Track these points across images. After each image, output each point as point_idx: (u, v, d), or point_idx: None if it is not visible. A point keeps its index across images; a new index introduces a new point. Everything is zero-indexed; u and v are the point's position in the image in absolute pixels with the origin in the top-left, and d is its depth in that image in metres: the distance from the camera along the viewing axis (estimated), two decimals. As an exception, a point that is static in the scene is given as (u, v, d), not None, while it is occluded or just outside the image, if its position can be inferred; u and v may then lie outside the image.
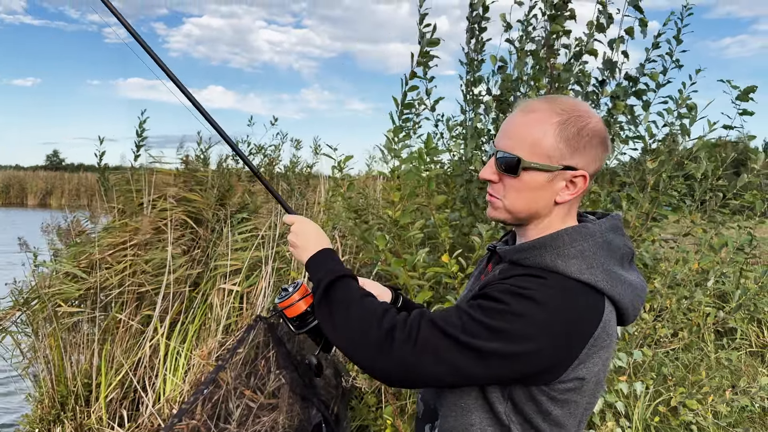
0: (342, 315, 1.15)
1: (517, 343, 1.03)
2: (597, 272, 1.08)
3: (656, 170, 3.35)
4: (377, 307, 1.14)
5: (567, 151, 1.12)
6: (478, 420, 1.13)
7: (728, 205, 3.82)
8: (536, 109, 1.15)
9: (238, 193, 4.84)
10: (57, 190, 30.00)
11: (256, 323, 3.56)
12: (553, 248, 1.11)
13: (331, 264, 1.27)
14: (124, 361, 3.82)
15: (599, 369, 1.12)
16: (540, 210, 1.16)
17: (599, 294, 1.09)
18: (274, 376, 3.53)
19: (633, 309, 1.14)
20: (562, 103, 1.15)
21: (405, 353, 1.05)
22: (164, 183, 4.51)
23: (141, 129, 5.01)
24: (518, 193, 1.15)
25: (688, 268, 3.93)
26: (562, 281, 1.08)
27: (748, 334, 5.62)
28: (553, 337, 1.04)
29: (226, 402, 3.41)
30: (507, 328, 1.03)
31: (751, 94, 3.16)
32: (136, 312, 4.00)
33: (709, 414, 3.76)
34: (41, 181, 30.78)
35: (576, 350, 1.07)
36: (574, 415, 1.13)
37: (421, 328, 1.06)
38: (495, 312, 1.05)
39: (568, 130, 1.12)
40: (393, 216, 2.94)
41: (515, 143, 1.14)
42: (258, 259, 4.17)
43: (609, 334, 1.11)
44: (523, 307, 1.04)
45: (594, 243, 1.12)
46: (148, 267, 3.98)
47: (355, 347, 1.12)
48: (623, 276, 1.13)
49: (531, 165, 1.12)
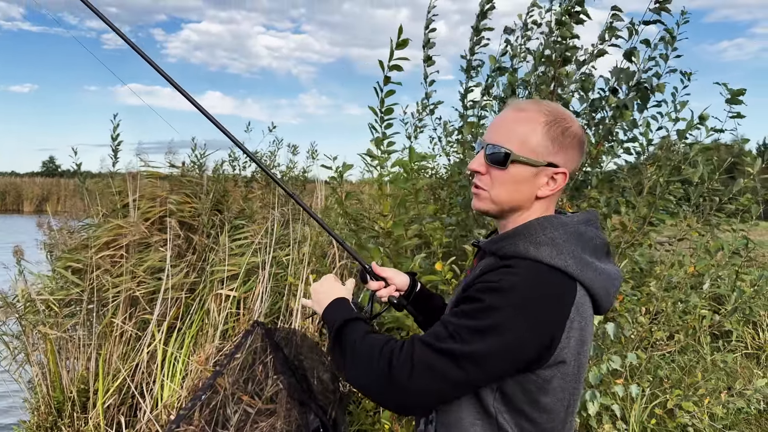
0: (350, 354, 1.22)
1: (502, 335, 1.07)
2: (567, 258, 1.14)
3: (654, 175, 3.38)
4: (376, 341, 1.18)
5: (552, 149, 1.21)
6: (468, 413, 1.18)
7: (723, 208, 3.85)
8: (525, 109, 1.24)
9: (235, 199, 4.84)
10: (53, 196, 29.89)
11: (254, 328, 3.57)
12: (525, 236, 1.18)
13: (341, 311, 1.35)
14: (121, 367, 3.81)
15: (578, 352, 1.17)
16: (522, 203, 1.24)
17: (571, 279, 1.15)
18: (272, 381, 3.53)
19: (606, 295, 1.20)
20: (549, 106, 1.24)
21: (405, 380, 1.09)
22: (152, 185, 4.51)
23: (116, 134, 4.97)
24: (504, 185, 1.23)
25: (683, 271, 3.95)
26: (533, 267, 1.14)
27: (744, 337, 5.64)
28: (533, 321, 1.09)
29: (224, 407, 3.41)
30: (489, 324, 1.08)
31: (742, 96, 3.19)
32: (132, 317, 3.99)
33: (705, 416, 3.77)
34: (37, 188, 30.71)
35: (556, 331, 1.12)
36: (561, 402, 1.17)
37: (415, 351, 1.11)
38: (475, 312, 1.10)
39: (554, 130, 1.21)
40: (385, 227, 2.94)
41: (505, 138, 1.22)
42: (255, 264, 4.18)
43: (584, 317, 1.16)
44: (497, 298, 1.09)
45: (565, 232, 1.18)
46: (140, 270, 3.98)
47: (368, 387, 1.17)
48: (595, 263, 1.19)
49: (519, 158, 1.20)
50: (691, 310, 4.10)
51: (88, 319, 3.95)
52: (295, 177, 7.19)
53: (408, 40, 2.75)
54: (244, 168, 6.62)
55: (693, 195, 3.62)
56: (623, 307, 3.48)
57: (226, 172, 6.08)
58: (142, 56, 1.50)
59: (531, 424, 1.16)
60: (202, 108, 1.57)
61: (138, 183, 4.29)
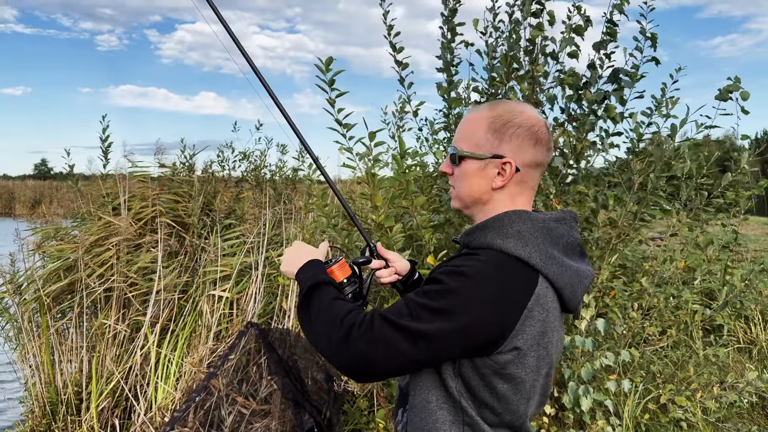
0: (314, 317, 1.27)
1: (457, 318, 1.12)
2: (531, 251, 1.19)
3: (643, 171, 3.39)
4: (341, 309, 1.23)
5: (495, 142, 1.28)
6: (435, 398, 1.23)
7: (712, 203, 3.87)
8: (479, 110, 1.33)
9: (225, 199, 4.83)
10: (45, 198, 29.75)
11: (247, 329, 3.57)
12: (494, 228, 1.24)
13: (312, 272, 1.39)
14: (115, 370, 3.80)
15: (537, 343, 1.19)
16: (481, 196, 1.31)
17: (534, 271, 1.18)
18: (266, 382, 3.54)
19: (572, 292, 1.23)
20: (502, 105, 1.31)
21: (360, 348, 1.14)
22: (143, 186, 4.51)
23: (105, 136, 4.96)
24: (461, 181, 1.32)
25: (674, 267, 3.97)
26: (497, 256, 1.19)
27: (736, 331, 5.67)
28: (488, 306, 1.13)
29: (218, 409, 3.40)
30: (446, 306, 1.12)
31: (738, 93, 3.19)
32: (124, 318, 3.98)
33: (698, 410, 3.80)
34: (30, 191, 30.54)
35: (511, 318, 1.15)
36: (520, 392, 1.20)
37: (374, 324, 1.15)
38: (434, 293, 1.15)
39: (496, 123, 1.28)
40: (377, 220, 2.95)
41: (458, 138, 1.33)
42: (247, 264, 4.17)
43: (546, 309, 1.19)
44: (458, 282, 1.14)
45: (533, 226, 1.23)
46: (131, 272, 3.97)
47: (322, 348, 1.23)
48: (562, 259, 1.23)
49: (464, 153, 1.30)
50: (683, 305, 4.12)
51: (80, 320, 3.94)
52: (285, 178, 7.19)
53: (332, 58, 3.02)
54: (234, 168, 6.61)
55: (683, 190, 3.64)
56: (614, 302, 3.50)
57: (215, 172, 6.07)
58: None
59: (490, 411, 1.20)
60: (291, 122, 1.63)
61: (127, 184, 4.28)
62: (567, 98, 3.37)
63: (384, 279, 1.65)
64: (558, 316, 1.25)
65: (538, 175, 1.33)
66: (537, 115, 1.31)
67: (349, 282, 1.51)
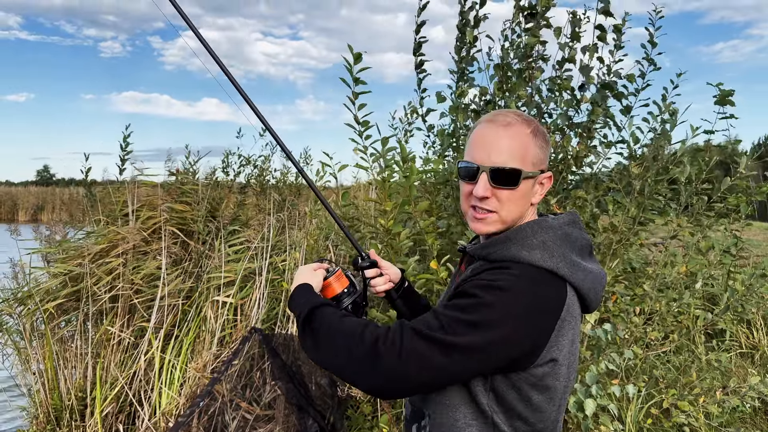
0: (324, 340, 1.20)
1: (493, 331, 1.09)
2: (558, 260, 1.18)
3: (641, 175, 3.41)
4: (357, 324, 1.18)
5: (542, 157, 1.26)
6: (462, 415, 1.19)
7: (714, 208, 3.88)
8: (510, 123, 1.23)
9: (230, 205, 4.86)
10: (48, 205, 29.85)
11: (251, 335, 3.58)
12: (517, 240, 1.21)
13: (306, 297, 1.33)
14: (119, 375, 3.82)
15: (569, 351, 1.20)
16: (523, 214, 1.27)
17: (561, 280, 1.18)
18: (270, 387, 3.55)
19: (594, 294, 1.24)
20: (522, 115, 1.27)
21: (391, 364, 1.09)
22: (149, 195, 4.53)
23: (125, 143, 5.01)
24: (515, 202, 1.24)
25: (676, 271, 3.98)
26: (527, 269, 1.16)
27: (738, 336, 5.67)
28: (525, 320, 1.12)
29: (222, 414, 3.42)
30: (482, 319, 1.10)
31: (731, 97, 3.22)
32: (128, 324, 4.00)
33: (700, 415, 3.80)
34: (32, 197, 30.62)
35: (547, 331, 1.15)
36: (553, 401, 1.20)
37: (404, 337, 1.10)
38: (469, 306, 1.12)
39: (539, 138, 1.25)
40: (386, 225, 2.97)
41: (508, 157, 1.21)
42: (251, 270, 4.19)
43: (574, 317, 1.20)
44: (494, 296, 1.11)
45: (554, 235, 1.21)
46: (137, 278, 3.99)
47: (343, 367, 1.16)
48: (582, 264, 1.22)
49: (528, 175, 1.23)
50: (685, 309, 4.13)
51: (85, 327, 3.96)
52: (290, 184, 7.22)
53: (361, 54, 2.88)
54: (238, 174, 6.64)
55: (683, 195, 3.66)
56: (617, 307, 3.51)
57: (219, 178, 6.11)
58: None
59: (523, 422, 1.18)
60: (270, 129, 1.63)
61: (135, 192, 4.31)
62: (565, 103, 3.39)
63: (379, 287, 1.58)
64: (581, 321, 1.26)
65: None
66: None
67: (348, 293, 1.46)
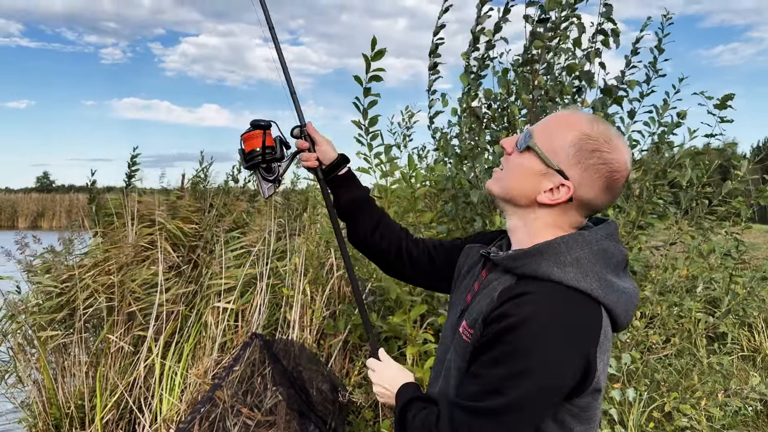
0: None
1: (539, 376, 1.02)
2: (592, 281, 1.08)
3: (640, 179, 3.42)
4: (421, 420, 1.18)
5: (571, 158, 1.13)
6: None
7: (715, 211, 3.89)
8: (578, 115, 1.18)
9: (235, 212, 4.86)
10: (48, 211, 29.89)
11: (252, 340, 3.58)
12: (548, 256, 1.10)
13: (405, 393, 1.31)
14: (119, 382, 3.81)
15: (603, 372, 1.13)
16: (521, 197, 1.19)
17: (595, 302, 1.08)
18: (271, 392, 3.54)
19: (626, 315, 1.14)
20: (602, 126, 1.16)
21: None
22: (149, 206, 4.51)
23: (134, 155, 4.92)
24: (514, 170, 1.19)
25: (677, 275, 3.98)
26: (556, 292, 1.06)
27: (740, 339, 5.66)
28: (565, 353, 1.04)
29: (223, 420, 3.41)
30: (524, 368, 1.02)
31: (730, 101, 3.23)
32: (128, 332, 3.99)
33: (702, 418, 3.79)
34: (32, 204, 30.65)
35: (590, 359, 1.06)
36: (592, 428, 1.14)
37: (455, 419, 1.07)
38: (505, 357, 1.03)
39: (586, 144, 1.13)
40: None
41: (540, 129, 1.18)
42: (252, 276, 4.19)
43: (608, 339, 1.12)
44: (524, 338, 1.02)
45: (590, 251, 1.11)
46: (135, 285, 3.99)
47: None
48: (616, 284, 1.12)
49: (536, 147, 1.15)
50: (687, 313, 4.13)
51: (83, 336, 3.95)
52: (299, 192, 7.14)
53: (384, 50, 2.63)
54: (248, 181, 6.56)
55: (683, 198, 3.66)
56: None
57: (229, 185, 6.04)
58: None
59: None
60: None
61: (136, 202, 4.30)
62: (565, 108, 3.40)
63: (304, 162, 1.57)
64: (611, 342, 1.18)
65: (583, 216, 1.19)
66: (628, 161, 1.16)
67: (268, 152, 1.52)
